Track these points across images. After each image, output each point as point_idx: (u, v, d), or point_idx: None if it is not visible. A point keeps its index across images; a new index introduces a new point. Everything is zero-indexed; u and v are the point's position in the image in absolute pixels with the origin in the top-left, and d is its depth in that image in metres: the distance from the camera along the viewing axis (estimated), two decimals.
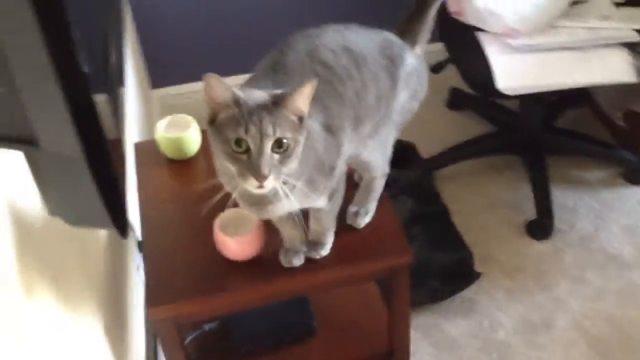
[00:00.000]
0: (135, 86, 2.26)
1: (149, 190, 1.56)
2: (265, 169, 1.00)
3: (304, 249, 1.35)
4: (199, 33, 2.58)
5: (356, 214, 1.41)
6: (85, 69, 0.64)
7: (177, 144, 1.58)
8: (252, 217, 1.37)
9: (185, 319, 1.39)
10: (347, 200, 1.40)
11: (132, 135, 1.99)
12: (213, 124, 1.05)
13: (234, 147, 1.02)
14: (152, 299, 1.34)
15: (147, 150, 1.65)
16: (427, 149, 2.55)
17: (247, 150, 1.02)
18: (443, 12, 2.19)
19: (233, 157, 1.02)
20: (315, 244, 1.35)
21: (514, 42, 2.02)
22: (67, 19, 0.62)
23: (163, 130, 1.59)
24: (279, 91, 1.05)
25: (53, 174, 0.68)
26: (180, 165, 1.61)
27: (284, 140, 1.02)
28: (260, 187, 1.03)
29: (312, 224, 1.33)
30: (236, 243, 1.35)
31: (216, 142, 1.05)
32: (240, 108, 1.01)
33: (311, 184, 1.17)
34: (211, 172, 1.23)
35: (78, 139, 0.64)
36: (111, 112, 0.86)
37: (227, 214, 1.38)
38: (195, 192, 1.54)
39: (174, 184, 1.60)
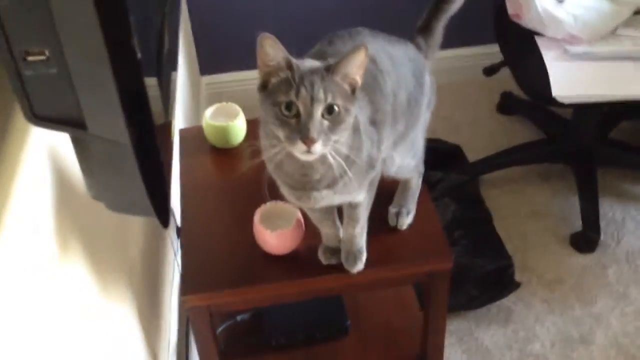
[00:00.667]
0: (185, 72, 2.26)
1: (192, 177, 1.55)
2: (314, 133, 0.99)
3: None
4: (251, 22, 2.56)
5: (398, 214, 1.39)
6: (139, 54, 0.63)
7: (223, 132, 1.57)
8: (293, 211, 1.36)
9: (219, 309, 1.39)
10: (385, 201, 1.38)
11: (178, 121, 1.99)
12: (264, 90, 1.04)
13: (284, 111, 1.00)
14: (187, 286, 1.34)
15: (193, 137, 1.64)
16: (474, 153, 2.50)
17: (297, 115, 1.00)
18: (501, 14, 2.15)
19: (282, 121, 1.01)
20: (350, 255, 1.32)
21: (573, 48, 1.97)
22: (124, 3, 0.61)
23: (210, 118, 1.58)
24: (332, 60, 1.04)
25: (98, 159, 0.67)
26: (225, 153, 1.60)
27: (335, 107, 1.01)
28: (308, 152, 1.00)
29: (346, 228, 1.31)
30: (275, 236, 1.34)
31: (266, 106, 1.03)
32: (292, 71, 1.01)
33: (355, 174, 1.15)
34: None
35: (127, 125, 0.63)
36: (162, 96, 0.85)
37: (268, 206, 1.37)
38: (237, 182, 1.54)
39: (217, 173, 1.59)
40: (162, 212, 0.74)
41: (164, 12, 0.94)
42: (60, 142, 0.82)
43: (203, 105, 2.61)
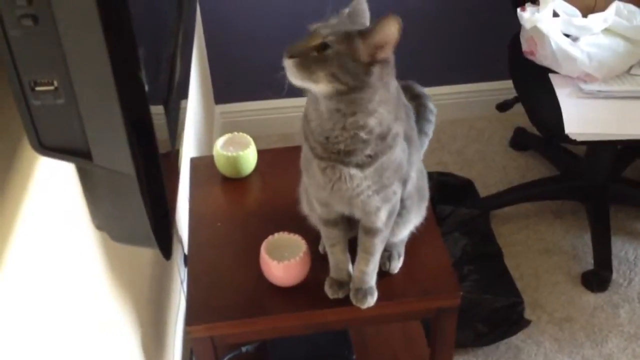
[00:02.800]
0: (198, 100, 2.28)
1: (201, 207, 1.55)
2: (293, 49, 1.05)
3: (349, 281, 1.33)
4: (267, 52, 2.58)
5: (389, 257, 1.38)
6: (146, 86, 0.64)
7: (234, 162, 1.57)
8: (300, 243, 1.35)
9: (223, 340, 1.38)
10: None
11: (190, 149, 2.00)
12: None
13: None
14: (192, 316, 1.33)
15: (204, 166, 1.65)
16: (486, 188, 2.49)
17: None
18: (516, 50, 2.15)
19: None
20: (360, 292, 1.31)
21: (587, 86, 1.96)
22: (133, 36, 0.61)
23: (220, 148, 1.59)
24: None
25: (103, 189, 0.67)
26: (235, 184, 1.61)
27: (329, 49, 1.04)
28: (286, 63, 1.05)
29: (358, 265, 1.30)
30: (282, 268, 1.33)
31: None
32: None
33: (388, 165, 1.15)
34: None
35: (132, 157, 0.63)
36: (170, 125, 0.85)
37: (275, 237, 1.37)
38: (246, 213, 1.54)
39: (226, 203, 1.60)
40: (165, 244, 0.73)
41: (176, 42, 0.95)
42: (68, 171, 0.83)
43: (217, 134, 2.62)
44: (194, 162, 1.68)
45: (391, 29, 1.03)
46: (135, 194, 0.64)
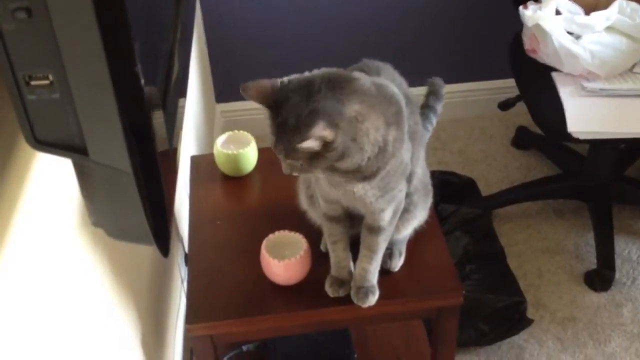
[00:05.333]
0: (199, 98, 2.27)
1: (201, 205, 1.55)
2: (285, 170, 1.10)
3: (351, 279, 1.32)
4: (268, 51, 2.58)
5: (390, 255, 1.36)
6: (143, 81, 0.63)
7: (234, 160, 1.57)
8: (301, 241, 1.34)
9: (223, 339, 1.37)
10: None
11: (190, 148, 1.99)
12: None
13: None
14: (191, 315, 1.32)
15: (204, 164, 1.64)
16: (488, 187, 2.48)
17: None
18: (518, 48, 2.14)
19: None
20: (361, 291, 1.30)
21: (589, 85, 1.95)
22: (129, 30, 0.60)
23: (221, 146, 1.58)
24: (313, 106, 1.02)
25: (100, 186, 0.66)
26: (235, 182, 1.60)
27: (298, 163, 1.07)
28: None
29: (360, 263, 1.29)
30: (282, 266, 1.32)
31: None
32: (271, 122, 1.09)
33: (394, 170, 1.15)
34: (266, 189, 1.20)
35: (129, 153, 0.62)
36: (167, 123, 0.85)
37: (276, 236, 1.36)
38: (246, 211, 1.53)
39: (227, 201, 1.59)
40: (163, 242, 0.73)
41: (174, 38, 0.94)
42: (66, 167, 0.82)
43: (217, 133, 2.61)
44: (194, 160, 1.67)
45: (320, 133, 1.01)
46: (133, 191, 0.63)
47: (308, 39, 2.55)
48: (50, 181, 0.89)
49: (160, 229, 0.71)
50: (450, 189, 2.33)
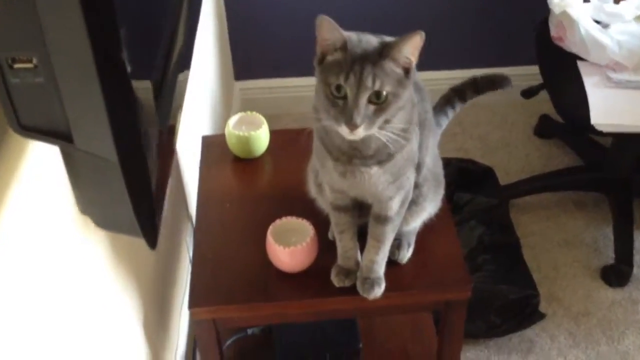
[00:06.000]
0: (216, 75, 2.24)
1: (211, 186, 1.52)
2: (357, 119, 1.00)
3: (357, 270, 1.29)
4: (292, 28, 2.53)
5: (399, 246, 1.34)
6: (129, 66, 0.60)
7: (245, 142, 1.54)
8: (307, 228, 1.32)
9: (226, 323, 1.35)
10: None
11: (205, 127, 1.97)
12: (321, 63, 1.05)
13: (334, 92, 1.02)
14: (195, 298, 1.31)
15: (216, 144, 1.61)
16: (507, 175, 2.43)
17: (345, 97, 1.02)
18: (544, 35, 2.08)
19: (331, 101, 1.03)
20: (367, 282, 1.28)
21: (615, 76, 1.89)
22: (114, 14, 0.58)
23: (232, 127, 1.55)
24: (389, 39, 1.04)
25: (86, 174, 0.64)
26: (246, 164, 1.57)
27: (383, 93, 1.01)
28: (352, 134, 1.03)
29: (367, 254, 1.27)
30: (288, 253, 1.30)
31: (320, 81, 1.05)
32: (345, 54, 1.01)
33: (398, 172, 1.14)
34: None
35: (115, 142, 0.60)
36: (165, 99, 0.81)
37: (283, 222, 1.33)
38: (256, 194, 1.51)
39: (237, 183, 1.56)
40: (150, 233, 0.70)
41: (179, 11, 0.91)
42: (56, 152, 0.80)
43: (235, 112, 2.59)
44: (206, 140, 1.65)
45: (418, 41, 1.01)
46: (119, 182, 0.61)
47: (330, 16, 2.50)
48: (44, 165, 0.87)
49: (147, 220, 0.68)
50: (467, 177, 2.29)
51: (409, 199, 1.23)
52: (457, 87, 1.41)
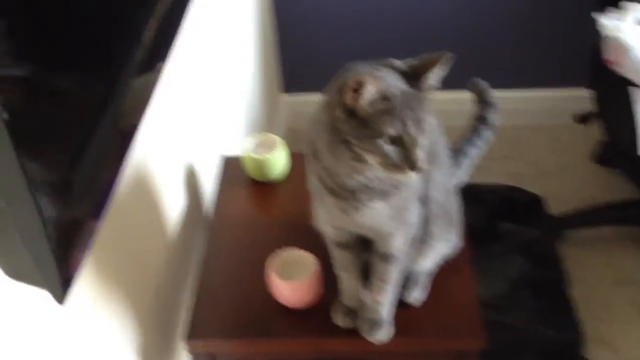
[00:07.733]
0: (256, 87, 2.19)
1: (224, 210, 1.46)
2: (423, 162, 0.96)
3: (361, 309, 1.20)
4: (345, 40, 2.46)
5: (410, 286, 1.24)
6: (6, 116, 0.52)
7: (260, 165, 1.47)
8: (311, 261, 1.24)
9: (224, 358, 1.28)
10: None
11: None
12: (352, 115, 0.95)
13: (386, 141, 0.94)
14: (193, 331, 1.25)
15: (236, 166, 1.54)
16: (558, 203, 2.27)
17: (401, 144, 0.95)
18: (597, 57, 1.93)
19: (382, 151, 0.94)
20: (369, 323, 1.19)
21: None
22: None
23: (248, 148, 1.49)
24: (410, 65, 0.97)
25: None
26: (263, 188, 1.50)
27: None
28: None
29: (371, 293, 1.18)
30: (289, 287, 1.22)
31: (355, 132, 0.95)
32: (389, 103, 0.93)
33: (400, 205, 1.06)
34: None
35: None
36: (114, 99, 0.74)
37: (285, 254, 1.26)
38: (269, 221, 1.43)
39: (251, 208, 1.49)
40: (58, 285, 0.62)
41: (154, 6, 0.85)
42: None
43: (279, 126, 2.53)
44: (226, 161, 1.58)
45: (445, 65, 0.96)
46: (10, 228, 0.53)
47: (384, 29, 2.41)
48: None
49: (54, 270, 0.61)
50: (512, 206, 2.15)
51: (412, 235, 1.13)
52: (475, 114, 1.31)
